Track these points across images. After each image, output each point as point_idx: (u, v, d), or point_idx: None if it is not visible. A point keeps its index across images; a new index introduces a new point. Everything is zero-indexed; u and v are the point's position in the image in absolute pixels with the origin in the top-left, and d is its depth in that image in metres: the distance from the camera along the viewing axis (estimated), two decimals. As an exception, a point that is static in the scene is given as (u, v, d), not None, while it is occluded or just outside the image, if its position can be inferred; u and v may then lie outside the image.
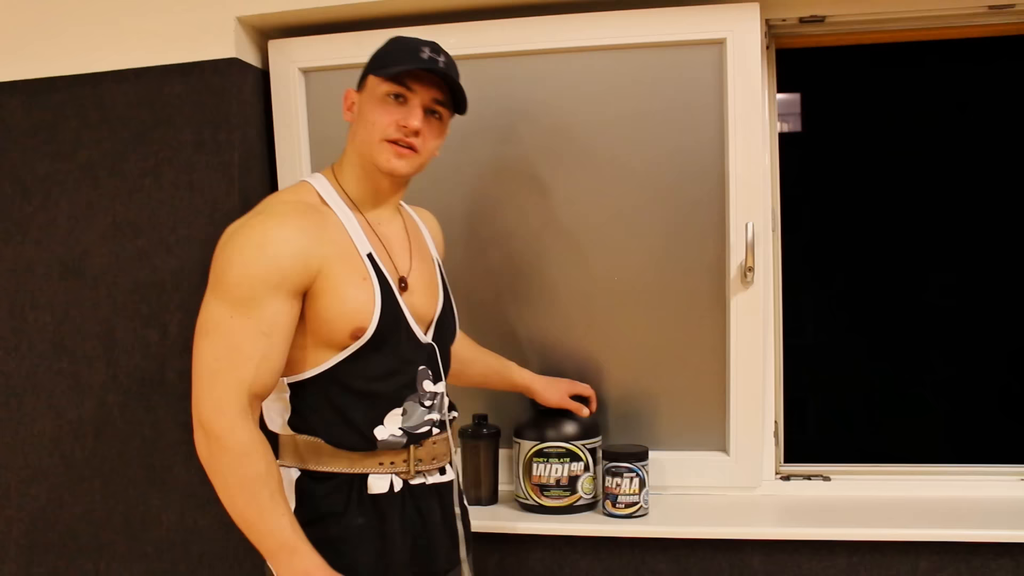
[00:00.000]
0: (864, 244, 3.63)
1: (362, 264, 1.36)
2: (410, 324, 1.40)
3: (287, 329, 1.30)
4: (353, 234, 1.38)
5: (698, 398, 1.90)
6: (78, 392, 1.91)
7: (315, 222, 1.35)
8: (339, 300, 1.32)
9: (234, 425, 1.25)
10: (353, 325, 1.32)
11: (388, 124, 1.37)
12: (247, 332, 1.27)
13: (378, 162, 1.38)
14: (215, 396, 1.26)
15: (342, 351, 1.34)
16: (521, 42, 1.86)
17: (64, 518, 1.94)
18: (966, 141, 3.49)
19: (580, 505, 1.80)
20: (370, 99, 1.39)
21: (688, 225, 1.86)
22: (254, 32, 1.92)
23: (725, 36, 1.78)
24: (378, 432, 1.37)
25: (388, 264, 1.41)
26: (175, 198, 1.87)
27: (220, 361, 1.27)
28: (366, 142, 1.39)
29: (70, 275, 1.91)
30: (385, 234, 1.45)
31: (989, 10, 1.82)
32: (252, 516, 1.27)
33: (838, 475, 1.93)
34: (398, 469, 1.39)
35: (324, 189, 1.42)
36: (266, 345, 1.28)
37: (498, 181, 1.92)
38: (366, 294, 1.34)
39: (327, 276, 1.32)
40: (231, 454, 1.25)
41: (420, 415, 1.41)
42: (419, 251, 1.51)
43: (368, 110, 1.39)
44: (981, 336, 3.53)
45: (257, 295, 1.27)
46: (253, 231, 1.31)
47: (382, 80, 1.37)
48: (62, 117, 1.90)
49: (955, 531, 1.69)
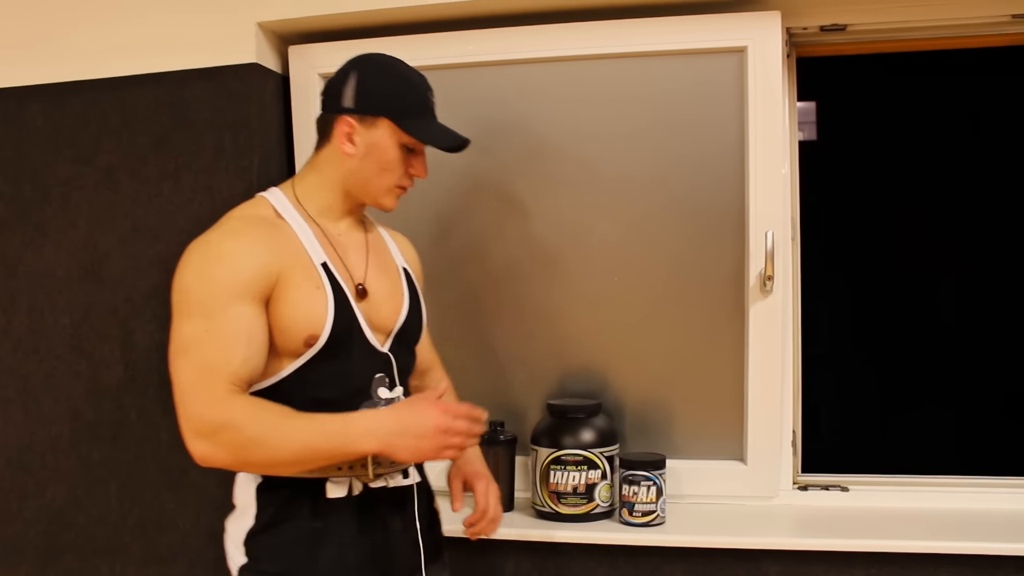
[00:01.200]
0: (878, 253, 3.62)
1: (316, 273, 1.37)
2: (365, 333, 1.40)
3: (261, 332, 1.32)
4: (307, 244, 1.39)
5: (715, 407, 1.89)
6: (96, 394, 1.92)
7: (269, 233, 1.36)
8: (293, 307, 1.33)
9: (229, 404, 1.26)
10: (307, 333, 1.34)
11: (403, 174, 1.43)
12: (224, 339, 1.28)
13: (383, 204, 1.45)
14: (201, 399, 1.26)
15: (297, 359, 1.35)
16: (541, 49, 1.86)
17: (80, 520, 1.94)
18: (979, 151, 3.47)
19: (597, 513, 1.80)
20: (385, 144, 1.40)
21: (707, 233, 1.86)
22: (275, 38, 1.92)
23: (746, 44, 1.77)
24: None
25: (343, 272, 1.42)
26: (194, 202, 1.87)
27: (202, 371, 1.27)
28: (373, 184, 1.42)
29: (89, 278, 1.92)
30: (342, 243, 1.45)
31: (1012, 19, 1.81)
32: (306, 442, 1.27)
33: (856, 485, 1.92)
34: (357, 473, 1.38)
35: (280, 203, 1.42)
36: (246, 347, 1.29)
37: (518, 188, 1.92)
38: (319, 302, 1.35)
39: (283, 284, 1.33)
40: (242, 424, 1.25)
41: None
42: (379, 261, 1.50)
43: (381, 154, 1.40)
44: (995, 344, 3.51)
45: (225, 305, 1.29)
46: (209, 247, 1.34)
47: (403, 132, 1.40)
48: (83, 121, 1.91)
49: (975, 544, 1.68)
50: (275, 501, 1.38)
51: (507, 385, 1.96)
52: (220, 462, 1.27)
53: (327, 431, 1.28)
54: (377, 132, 1.39)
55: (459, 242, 1.94)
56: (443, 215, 1.95)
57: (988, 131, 3.44)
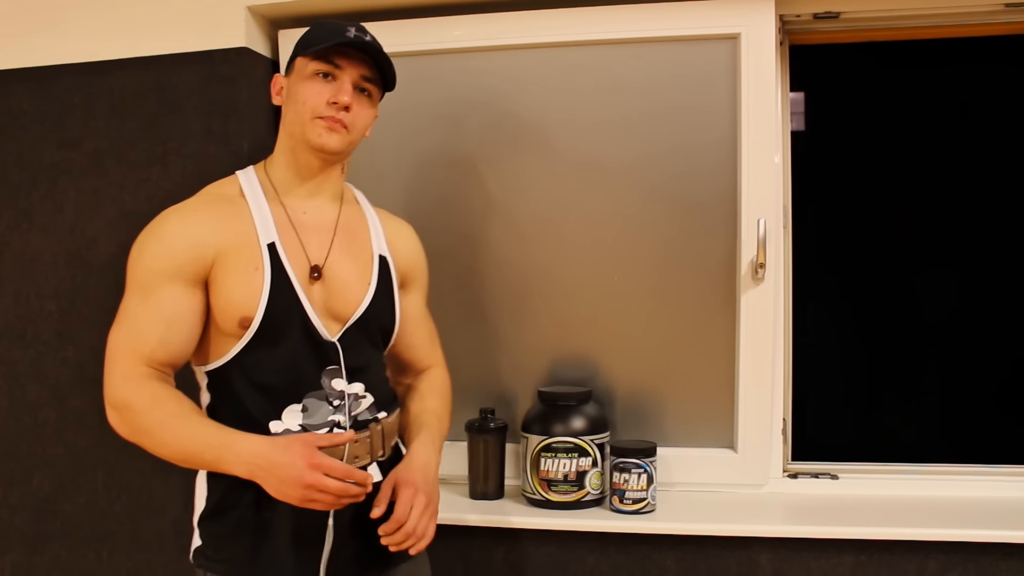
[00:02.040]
0: (867, 243, 3.63)
1: (258, 254, 1.35)
2: (310, 318, 1.36)
3: (187, 316, 1.33)
4: (260, 224, 1.37)
5: (706, 395, 1.89)
6: (83, 381, 1.90)
7: (221, 213, 1.37)
8: (229, 289, 1.34)
9: (139, 387, 1.29)
10: (240, 314, 1.33)
11: (319, 102, 1.37)
12: (148, 317, 1.32)
13: (309, 138, 1.39)
14: (118, 373, 1.31)
15: (239, 341, 1.34)
16: (533, 35, 1.85)
17: (67, 508, 1.93)
18: (970, 142, 3.48)
19: (587, 501, 1.80)
20: (299, 80, 1.40)
21: (699, 220, 1.85)
22: (264, 22, 1.91)
23: (739, 31, 1.77)
24: (273, 426, 1.35)
25: (297, 254, 1.39)
26: (183, 187, 1.84)
27: (123, 344, 1.32)
28: (296, 122, 1.40)
29: (76, 264, 1.90)
30: (305, 223, 1.42)
31: (1006, 8, 1.81)
32: (185, 445, 1.29)
33: (846, 473, 1.92)
34: None
35: (247, 180, 1.43)
36: (165, 329, 1.32)
37: (508, 176, 1.91)
38: (255, 284, 1.34)
39: (222, 266, 1.34)
40: (141, 410, 1.29)
41: (324, 414, 1.37)
42: (347, 244, 1.45)
43: (297, 90, 1.39)
44: (984, 335, 3.52)
45: (156, 283, 1.32)
46: (158, 225, 1.37)
47: (310, 59, 1.38)
48: (70, 105, 1.89)
49: (964, 531, 1.69)
50: (221, 487, 1.36)
51: (497, 372, 1.95)
52: (122, 434, 1.31)
53: (206, 443, 1.28)
54: (293, 74, 1.42)
55: (449, 230, 1.93)
56: (433, 203, 1.93)
57: (978, 122, 3.45)
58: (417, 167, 1.93)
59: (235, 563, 1.36)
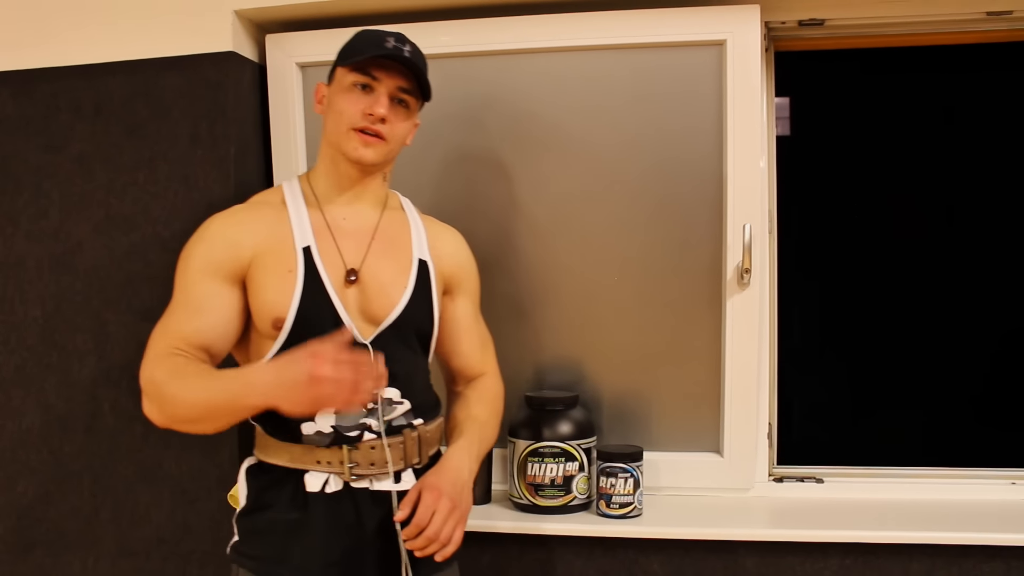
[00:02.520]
0: (851, 248, 3.65)
1: (292, 257, 1.39)
2: (343, 320, 1.38)
3: (221, 308, 1.38)
4: (297, 229, 1.42)
5: (693, 399, 1.90)
6: (68, 387, 1.89)
7: (261, 217, 1.43)
8: (262, 290, 1.38)
9: (160, 362, 1.32)
10: (273, 315, 1.37)
11: (355, 113, 1.40)
12: (185, 310, 1.37)
13: (346, 151, 1.41)
14: (148, 358, 1.34)
15: (275, 342, 1.38)
16: (519, 41, 1.85)
17: (51, 514, 1.92)
18: (953, 148, 3.51)
19: (574, 505, 1.80)
20: (338, 90, 1.43)
21: (685, 225, 1.86)
22: (251, 26, 1.90)
23: (725, 37, 1.78)
24: (304, 427, 1.37)
25: (333, 258, 1.42)
26: (170, 192, 1.85)
27: (156, 334, 1.37)
28: (335, 132, 1.43)
29: (61, 269, 1.89)
30: (344, 228, 1.45)
31: (987, 16, 1.83)
32: (210, 399, 1.29)
33: (831, 477, 1.94)
34: (334, 469, 1.38)
35: (290, 189, 1.48)
36: (198, 318, 1.36)
37: (490, 180, 1.91)
38: (287, 286, 1.37)
39: (256, 267, 1.39)
40: (165, 381, 1.30)
41: (355, 417, 1.38)
42: (386, 248, 1.47)
43: (336, 101, 1.43)
44: (964, 339, 3.56)
45: (195, 279, 1.38)
46: (202, 229, 1.43)
47: (348, 71, 1.41)
48: (55, 109, 1.88)
49: (947, 534, 1.70)
50: (259, 485, 1.41)
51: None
52: (156, 419, 1.32)
53: (223, 387, 1.29)
54: (334, 84, 1.45)
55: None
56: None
57: (960, 128, 3.49)
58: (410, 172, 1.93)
59: (264, 561, 1.39)
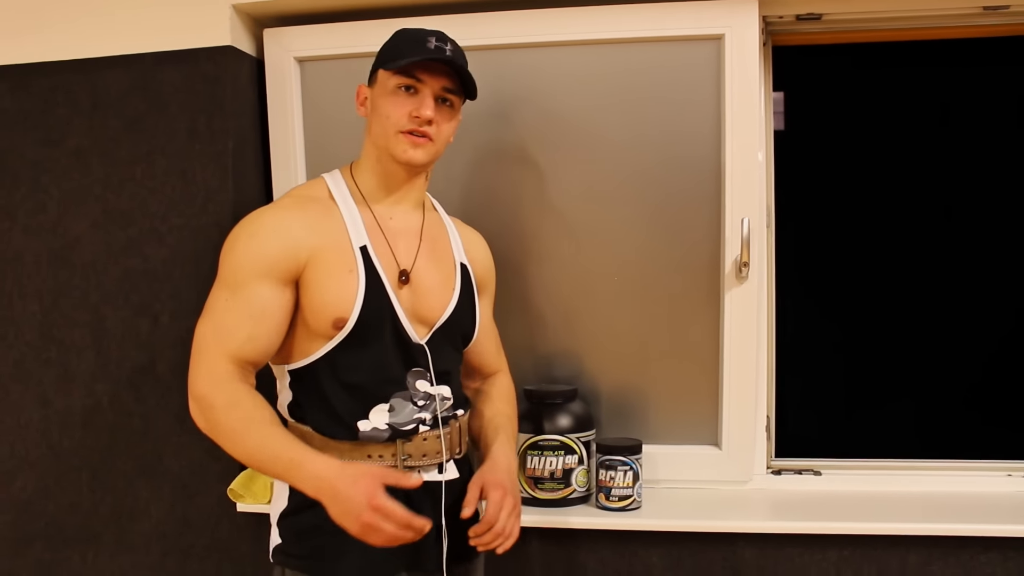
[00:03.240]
0: (846, 242, 3.66)
1: (352, 257, 1.38)
2: (400, 321, 1.40)
3: (276, 314, 1.36)
4: (351, 227, 1.40)
5: (691, 392, 1.91)
6: (66, 381, 1.89)
7: (312, 214, 1.40)
8: (322, 290, 1.36)
9: (221, 386, 1.32)
10: (335, 315, 1.36)
11: (401, 116, 1.39)
12: (237, 313, 1.34)
13: (395, 154, 1.41)
14: (203, 367, 1.33)
15: (329, 341, 1.37)
16: (518, 35, 1.85)
17: (50, 509, 1.91)
18: (947, 143, 3.52)
19: (574, 498, 1.80)
20: (382, 93, 1.42)
21: (683, 219, 1.87)
22: (249, 20, 1.90)
23: (724, 32, 1.78)
24: (361, 425, 1.38)
25: (387, 258, 1.42)
26: (167, 186, 1.85)
27: (209, 339, 1.34)
28: (381, 135, 1.42)
29: (59, 263, 1.88)
30: (393, 228, 1.45)
31: (984, 11, 1.83)
32: (256, 453, 1.31)
33: (829, 470, 1.94)
34: (386, 463, 1.39)
35: (335, 184, 1.46)
36: (252, 326, 1.34)
37: (491, 174, 1.91)
38: (350, 286, 1.36)
39: (315, 266, 1.36)
40: (220, 410, 1.31)
41: (409, 413, 1.40)
42: (432, 250, 1.49)
43: (381, 104, 1.42)
44: (959, 333, 3.57)
45: (246, 280, 1.34)
46: (251, 222, 1.39)
47: (392, 74, 1.40)
48: (52, 103, 1.88)
49: (944, 525, 1.71)
50: None
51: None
52: (200, 427, 1.34)
53: (276, 455, 1.30)
54: (377, 86, 1.44)
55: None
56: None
57: (956, 124, 3.49)
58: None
59: (317, 559, 1.38)
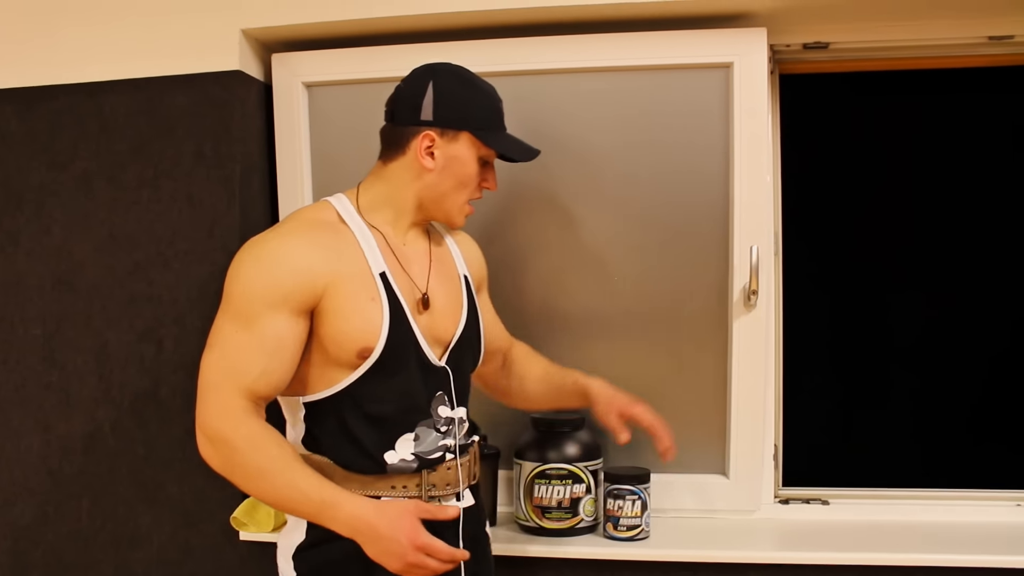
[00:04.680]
0: (846, 269, 3.66)
1: (373, 284, 1.34)
2: (421, 346, 1.37)
3: (291, 346, 1.30)
4: (368, 252, 1.36)
5: (699, 420, 1.90)
6: (68, 407, 1.87)
7: (327, 240, 1.34)
8: (345, 319, 1.31)
9: (238, 423, 1.27)
10: (360, 345, 1.31)
11: (476, 188, 1.42)
12: (249, 348, 1.28)
13: (452, 219, 1.44)
14: (217, 404, 1.28)
15: (352, 372, 1.32)
16: (526, 62, 1.86)
17: (49, 536, 1.89)
18: (946, 169, 3.53)
19: (581, 527, 1.79)
20: (466, 157, 1.40)
21: (691, 247, 1.86)
22: (258, 45, 1.90)
23: (732, 60, 1.79)
24: (388, 457, 1.36)
25: (405, 283, 1.39)
26: (173, 211, 1.84)
27: (221, 374, 1.29)
28: (449, 198, 1.41)
29: (63, 287, 1.87)
30: (405, 253, 1.43)
31: (989, 41, 1.84)
32: (283, 494, 1.28)
33: (837, 499, 1.93)
34: (410, 493, 1.37)
35: (344, 208, 1.41)
36: (267, 361, 1.28)
37: (499, 202, 1.91)
38: (374, 314, 1.32)
39: (334, 295, 1.31)
40: (240, 450, 1.26)
41: (433, 440, 1.39)
42: (441, 270, 1.48)
43: (461, 167, 1.40)
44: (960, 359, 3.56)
45: (259, 312, 1.28)
46: (260, 249, 1.33)
47: (483, 144, 1.39)
48: (58, 126, 1.87)
49: (953, 556, 1.70)
50: None
51: (489, 398, 1.94)
52: (213, 466, 1.29)
53: (307, 497, 1.27)
54: (458, 146, 1.38)
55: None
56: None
57: (956, 150, 3.51)
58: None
59: None
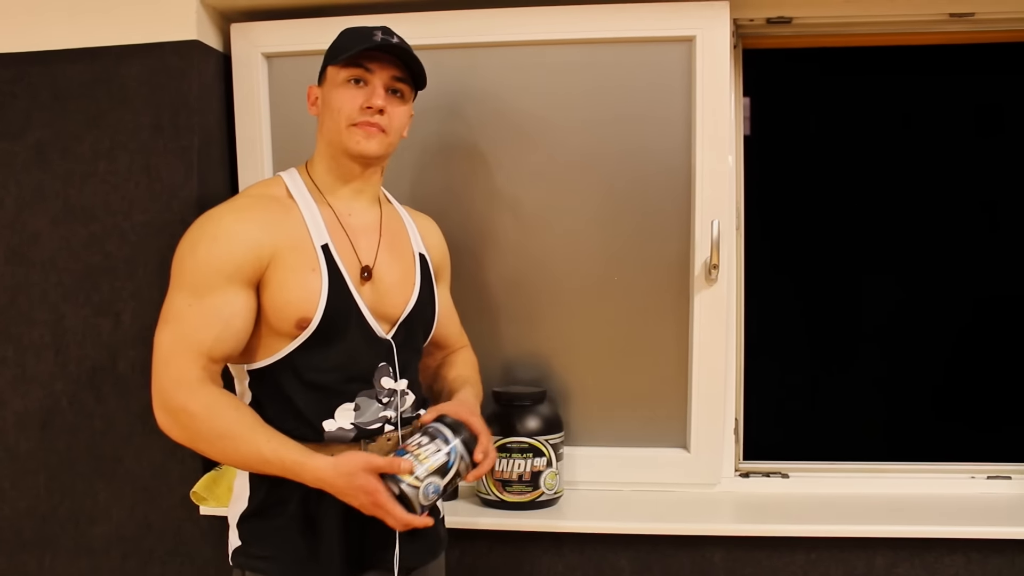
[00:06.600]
0: (811, 247, 3.69)
1: (314, 255, 1.37)
2: (365, 318, 1.39)
3: (242, 316, 1.33)
4: (312, 225, 1.39)
5: (660, 395, 1.90)
6: (24, 382, 1.84)
7: (271, 214, 1.38)
8: (285, 290, 1.34)
9: (194, 391, 1.29)
10: (298, 315, 1.34)
11: (353, 108, 1.39)
12: (202, 316, 1.31)
13: (348, 147, 1.40)
14: (172, 374, 1.29)
15: (292, 341, 1.35)
16: (487, 34, 1.84)
17: (6, 512, 1.87)
18: (909, 150, 3.56)
19: (542, 501, 1.79)
20: (332, 88, 1.42)
21: (652, 221, 1.86)
22: (216, 15, 1.87)
23: (694, 34, 1.78)
24: (327, 425, 1.37)
25: (349, 255, 1.41)
26: (130, 182, 1.81)
27: (175, 346, 1.30)
28: (334, 130, 1.41)
29: (17, 260, 1.84)
30: (352, 225, 1.44)
31: (950, 18, 1.85)
32: (249, 457, 1.30)
33: (796, 472, 1.95)
34: None
35: (293, 182, 1.44)
36: (220, 329, 1.32)
37: (457, 175, 1.90)
38: (312, 284, 1.35)
39: (277, 266, 1.34)
40: (199, 416, 1.28)
41: (375, 411, 1.40)
42: (392, 245, 1.49)
43: (331, 99, 1.41)
44: (921, 337, 3.61)
45: (211, 283, 1.31)
46: (209, 223, 1.36)
47: (340, 68, 1.40)
48: (10, 96, 1.83)
49: (910, 527, 1.73)
50: (265, 485, 1.37)
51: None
52: (175, 437, 1.31)
53: (267, 461, 1.29)
54: (325, 84, 1.44)
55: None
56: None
57: (920, 130, 3.54)
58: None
59: (281, 560, 1.37)
